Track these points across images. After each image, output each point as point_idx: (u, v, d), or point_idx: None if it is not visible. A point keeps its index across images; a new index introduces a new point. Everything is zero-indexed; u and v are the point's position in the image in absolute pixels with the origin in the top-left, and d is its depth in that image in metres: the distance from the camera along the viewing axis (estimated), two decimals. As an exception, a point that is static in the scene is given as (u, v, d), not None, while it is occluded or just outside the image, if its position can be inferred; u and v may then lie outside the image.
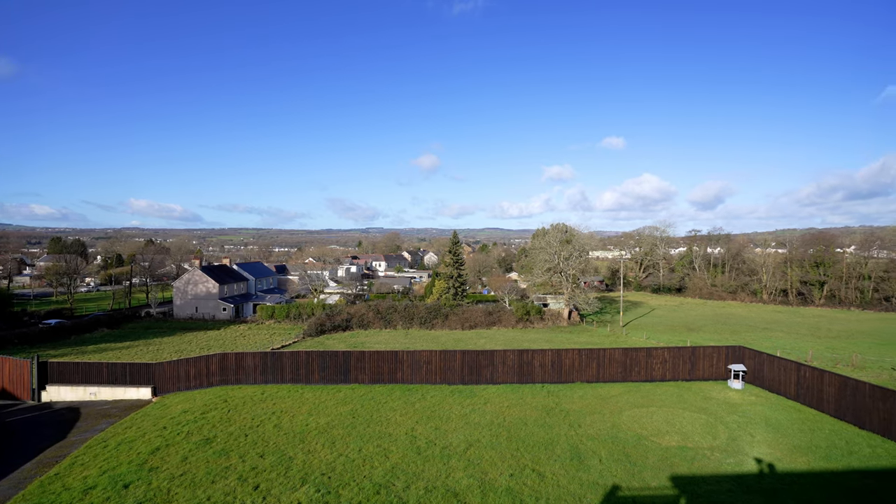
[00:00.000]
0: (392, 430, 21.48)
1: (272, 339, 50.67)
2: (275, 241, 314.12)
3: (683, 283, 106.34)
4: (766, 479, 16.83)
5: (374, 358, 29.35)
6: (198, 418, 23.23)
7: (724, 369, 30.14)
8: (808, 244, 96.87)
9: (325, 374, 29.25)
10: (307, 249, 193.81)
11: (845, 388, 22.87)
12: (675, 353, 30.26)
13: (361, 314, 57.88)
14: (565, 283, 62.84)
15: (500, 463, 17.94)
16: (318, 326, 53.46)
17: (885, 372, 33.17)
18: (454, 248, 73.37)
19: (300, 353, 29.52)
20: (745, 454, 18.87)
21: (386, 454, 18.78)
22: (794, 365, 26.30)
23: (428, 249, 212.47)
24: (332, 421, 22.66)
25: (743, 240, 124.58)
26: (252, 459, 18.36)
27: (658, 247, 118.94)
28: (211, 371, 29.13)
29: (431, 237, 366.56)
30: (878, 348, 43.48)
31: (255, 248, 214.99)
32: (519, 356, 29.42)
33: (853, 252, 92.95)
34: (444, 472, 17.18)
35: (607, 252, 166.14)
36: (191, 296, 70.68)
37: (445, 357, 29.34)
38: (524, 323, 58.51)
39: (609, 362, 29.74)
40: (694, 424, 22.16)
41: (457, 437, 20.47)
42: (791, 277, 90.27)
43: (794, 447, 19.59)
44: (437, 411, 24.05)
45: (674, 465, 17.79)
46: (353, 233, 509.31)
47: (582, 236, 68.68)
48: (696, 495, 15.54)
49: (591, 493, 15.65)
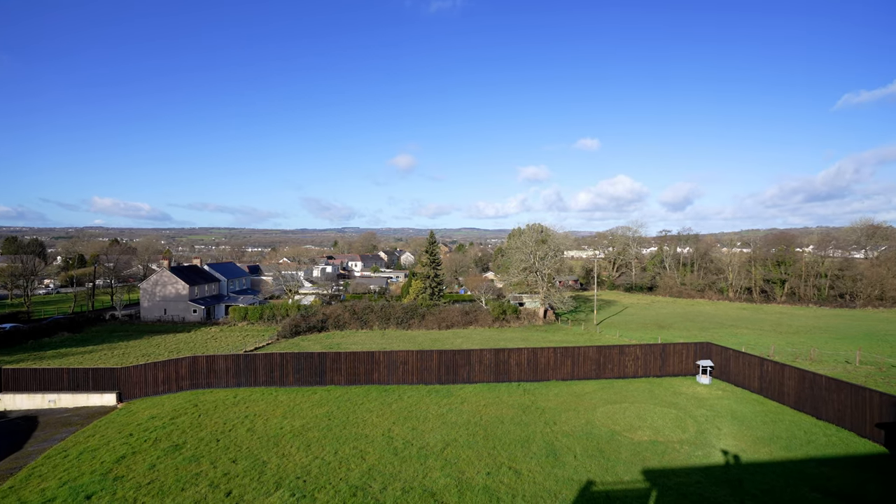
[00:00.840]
0: (368, 431, 21.31)
1: (245, 340, 49.52)
2: (248, 241, 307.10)
3: (655, 282, 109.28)
4: (732, 469, 17.47)
5: (350, 359, 29.06)
6: (166, 424, 22.51)
7: (692, 365, 31.12)
8: (770, 244, 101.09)
9: (299, 375, 28.78)
10: (281, 249, 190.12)
11: (804, 381, 23.96)
12: (647, 350, 31.06)
13: (337, 315, 57.20)
14: (541, 283, 63.68)
15: (477, 462, 18.04)
16: (293, 328, 52.55)
17: (839, 365, 34.90)
18: (431, 248, 73.34)
19: (274, 355, 28.96)
20: (713, 446, 19.54)
21: (362, 456, 18.62)
22: (758, 360, 27.40)
23: (405, 249, 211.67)
24: (308, 423, 22.32)
25: (710, 240, 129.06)
26: (224, 465, 17.90)
27: (630, 246, 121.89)
28: (181, 375, 28.26)
29: (408, 237, 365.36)
30: (833, 343, 45.72)
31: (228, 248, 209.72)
32: (495, 355, 29.64)
33: (811, 252, 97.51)
34: (421, 472, 17.16)
35: (582, 252, 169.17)
36: (159, 297, 68.38)
37: (422, 357, 29.30)
38: (500, 322, 58.98)
39: (583, 360, 30.30)
40: (664, 419, 22.80)
41: (434, 437, 20.48)
42: (755, 276, 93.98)
43: (758, 438, 20.41)
44: (413, 411, 23.99)
45: (645, 459, 18.27)
46: (328, 232, 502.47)
47: (557, 236, 69.73)
48: (666, 488, 15.99)
49: (566, 489, 15.91)
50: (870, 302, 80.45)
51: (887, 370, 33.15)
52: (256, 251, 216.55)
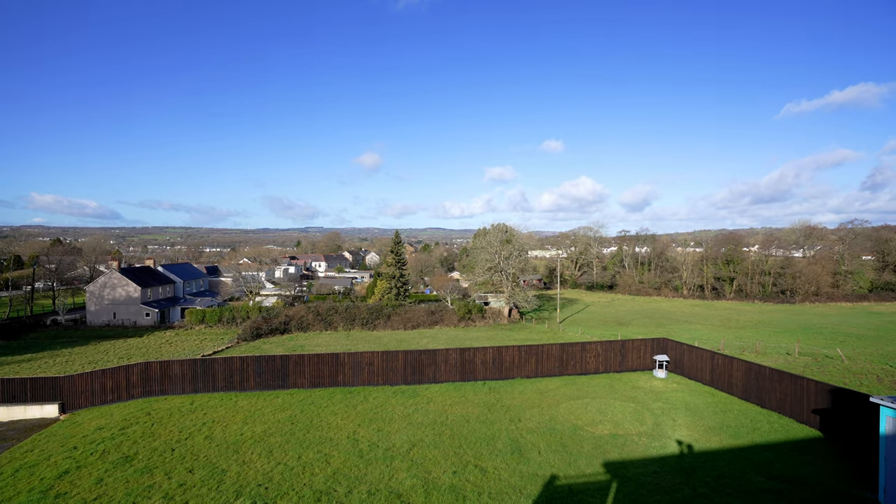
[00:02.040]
0: (333, 434, 20.97)
1: (203, 344, 47.59)
2: (205, 241, 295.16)
3: (615, 281, 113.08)
4: (686, 458, 18.33)
5: (314, 361, 28.48)
6: (116, 435, 21.31)
7: (650, 360, 32.41)
8: (720, 244, 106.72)
9: (261, 379, 27.94)
10: (242, 249, 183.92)
11: (750, 373, 25.45)
12: (608, 346, 32.09)
13: (300, 316, 55.92)
14: (506, 282, 64.58)
15: (444, 461, 18.10)
16: (254, 330, 50.96)
17: (781, 356, 37.30)
18: (396, 248, 72.92)
19: (234, 359, 27.98)
20: (668, 437, 20.44)
21: (327, 460, 18.29)
22: (709, 354, 28.86)
23: (370, 249, 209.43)
24: (270, 428, 21.71)
25: (666, 240, 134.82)
26: (180, 475, 17.14)
27: (592, 246, 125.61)
28: (132, 382, 26.82)
29: (373, 237, 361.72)
30: (776, 336, 48.80)
31: (184, 248, 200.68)
32: (461, 354, 29.83)
33: (756, 251, 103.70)
34: (387, 473, 17.04)
35: (545, 251, 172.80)
36: (108, 301, 64.65)
37: (388, 358, 29.10)
38: (466, 321, 59.39)
39: (547, 357, 30.95)
40: (624, 413, 23.63)
41: (400, 438, 20.39)
42: (707, 274, 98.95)
43: (709, 428, 21.50)
44: (379, 413, 23.80)
45: (606, 452, 18.88)
46: (291, 232, 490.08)
47: (521, 236, 70.95)
48: (625, 479, 16.59)
49: (530, 484, 16.22)
50: (807, 297, 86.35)
51: (822, 360, 35.71)
52: (215, 251, 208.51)
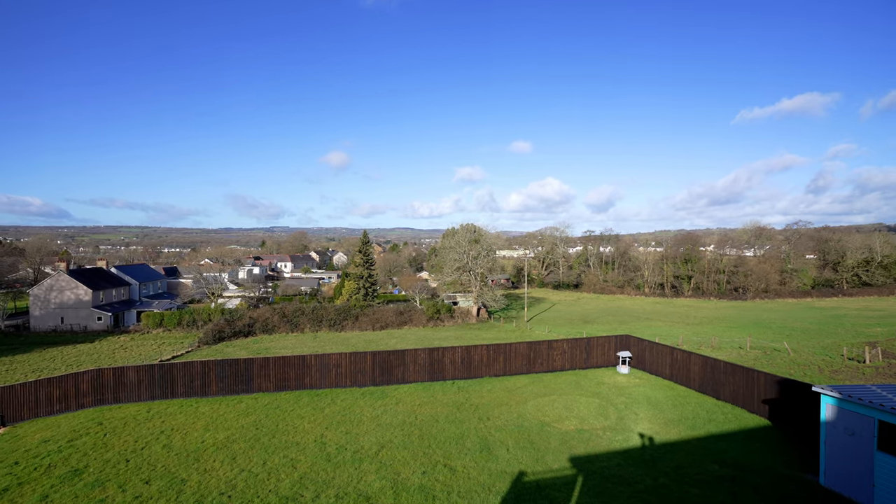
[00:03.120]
0: (300, 438, 20.53)
1: (161, 349, 45.57)
2: (164, 241, 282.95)
3: (580, 280, 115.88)
4: (647, 450, 19.02)
5: (280, 364, 27.80)
6: (63, 447, 20.09)
7: (614, 356, 33.42)
8: (679, 244, 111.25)
9: (223, 384, 27.02)
10: (203, 250, 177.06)
11: (706, 367, 26.67)
12: (573, 344, 32.87)
13: (265, 318, 54.45)
14: (474, 282, 65.04)
15: (413, 462, 18.06)
16: (216, 333, 49.24)
17: (734, 350, 39.29)
18: (364, 248, 72.12)
19: (195, 364, 26.94)
20: (631, 431, 21.14)
21: (293, 464, 17.90)
22: (669, 349, 30.06)
23: (337, 249, 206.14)
24: (233, 434, 21.04)
25: (629, 240, 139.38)
26: (135, 487, 16.35)
27: (558, 246, 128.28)
28: (82, 391, 25.35)
29: (341, 237, 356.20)
30: (730, 331, 51.34)
31: (140, 248, 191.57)
32: (430, 354, 29.83)
33: (712, 250, 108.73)
34: (355, 476, 16.85)
35: (513, 251, 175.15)
36: (55, 305, 60.87)
37: (356, 359, 28.76)
38: (435, 321, 59.42)
39: (515, 356, 31.39)
40: (589, 408, 24.28)
41: (369, 440, 20.19)
42: (666, 273, 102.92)
43: (669, 420, 22.39)
44: (347, 415, 23.49)
45: (572, 447, 19.34)
46: (255, 232, 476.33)
47: (490, 236, 71.65)
48: (591, 472, 17.05)
49: (499, 481, 16.41)
50: (758, 294, 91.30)
51: (771, 353, 37.86)
52: (174, 252, 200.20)
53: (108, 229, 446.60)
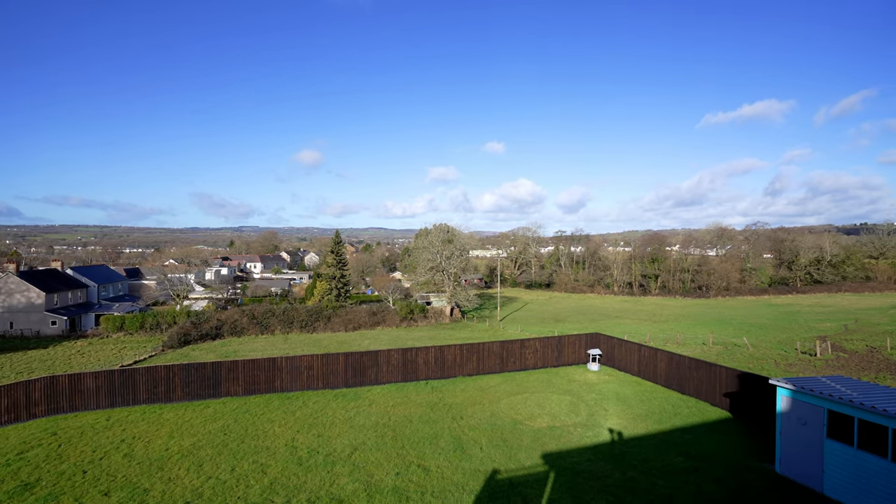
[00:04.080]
0: (270, 442, 20.09)
1: (122, 354, 43.68)
2: (125, 241, 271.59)
3: (552, 279, 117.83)
4: (617, 445, 19.54)
5: (249, 367, 27.11)
6: (12, 460, 18.95)
7: (584, 354, 34.14)
8: (646, 244, 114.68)
9: (189, 389, 26.14)
10: (167, 250, 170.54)
11: (672, 362, 27.62)
12: (545, 342, 33.39)
13: (234, 320, 52.99)
14: (447, 282, 65.19)
15: (386, 463, 17.96)
16: (182, 336, 47.58)
17: (698, 346, 40.83)
18: (337, 248, 71.18)
19: (158, 368, 25.94)
20: (601, 426, 21.67)
21: (263, 470, 17.49)
22: (637, 346, 30.95)
23: (309, 249, 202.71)
24: (200, 441, 20.38)
25: (599, 240, 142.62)
26: (93, 500, 15.62)
27: (530, 246, 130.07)
28: (33, 400, 24.00)
29: (313, 237, 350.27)
30: (694, 328, 53.31)
31: (98, 248, 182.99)
32: (403, 355, 29.72)
33: (677, 250, 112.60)
34: (328, 480, 16.62)
35: (486, 251, 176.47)
36: (3, 308, 57.43)
37: (328, 360, 28.36)
38: (408, 322, 59.24)
39: (488, 355, 31.65)
40: (561, 405, 24.73)
41: (341, 443, 19.95)
42: (634, 272, 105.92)
43: (637, 415, 23.06)
44: (319, 418, 23.14)
45: (545, 444, 19.65)
46: (223, 231, 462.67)
47: (463, 236, 71.98)
48: (562, 468, 17.38)
49: (473, 480, 16.52)
50: (719, 292, 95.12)
51: (731, 348, 39.53)
52: (136, 252, 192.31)
53: (63, 228, 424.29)
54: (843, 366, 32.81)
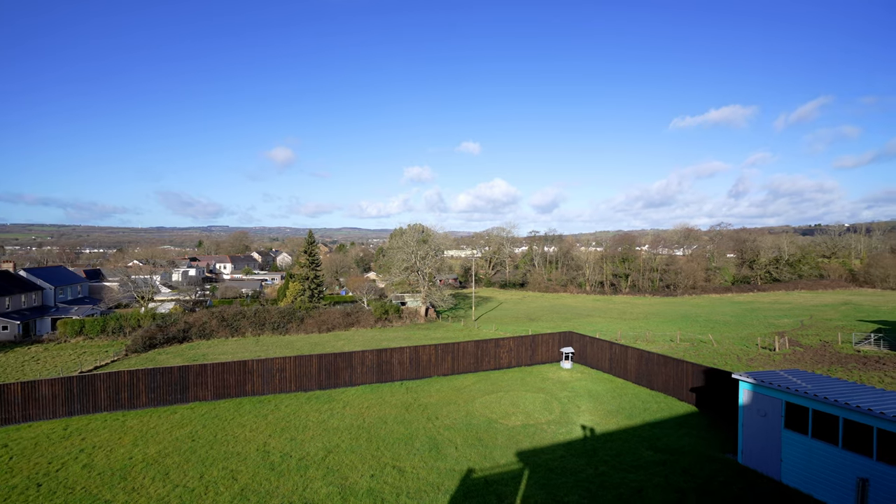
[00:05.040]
0: (241, 448, 19.59)
1: (81, 359, 41.70)
2: (85, 241, 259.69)
3: (526, 279, 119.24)
4: (589, 441, 19.95)
5: (219, 370, 26.36)
6: (-37, 472, 17.85)
7: (557, 352, 34.71)
8: (617, 243, 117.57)
9: (155, 395, 25.20)
10: (131, 250, 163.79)
11: (641, 359, 28.40)
12: (519, 341, 33.78)
13: (203, 322, 51.40)
14: (422, 282, 65.09)
15: (361, 465, 17.79)
16: (147, 340, 45.82)
17: (666, 343, 42.12)
18: (310, 248, 70.02)
19: (121, 374, 24.90)
20: (574, 423, 22.08)
21: (234, 476, 17.04)
22: (608, 344, 31.68)
23: (281, 250, 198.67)
24: (166, 448, 19.68)
25: (571, 240, 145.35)
26: (51, 511, 14.86)
27: (504, 246, 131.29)
28: (-16, 408, 22.66)
29: (285, 237, 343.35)
30: (662, 325, 54.96)
31: (55, 249, 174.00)
32: (377, 356, 29.52)
33: (647, 250, 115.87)
34: (301, 484, 16.33)
35: (461, 251, 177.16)
36: (-50, 313, 53.86)
37: (300, 363, 27.87)
38: (383, 322, 58.86)
39: (463, 355, 31.77)
40: (534, 403, 25.06)
41: (315, 446, 19.65)
42: (606, 271, 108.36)
43: (609, 412, 23.61)
44: (292, 421, 22.72)
45: (519, 442, 19.88)
46: (192, 231, 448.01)
47: (438, 236, 72.03)
48: (536, 465, 17.63)
49: (448, 480, 16.55)
50: (686, 291, 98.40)
51: (698, 345, 40.97)
52: (97, 253, 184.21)
53: (15, 228, 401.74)
54: (799, 359, 34.50)
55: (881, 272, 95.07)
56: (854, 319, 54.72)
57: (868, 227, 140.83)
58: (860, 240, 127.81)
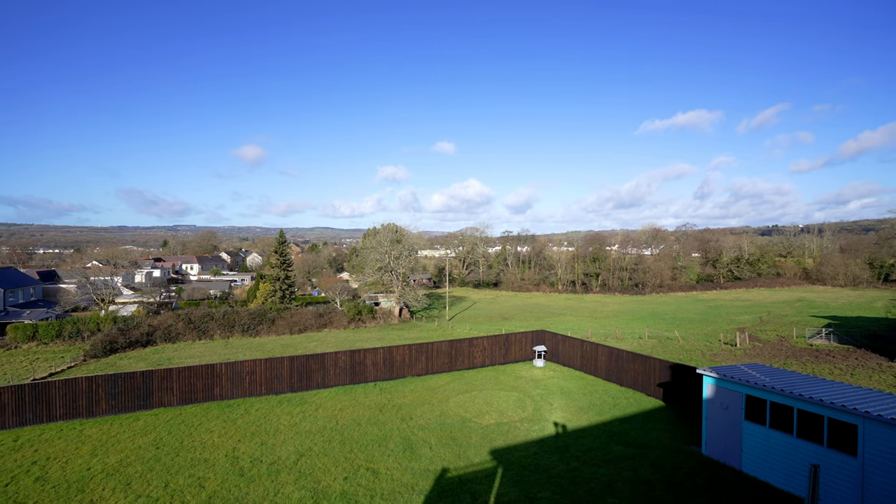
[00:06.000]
0: (209, 454, 19.01)
1: (34, 366, 39.51)
2: (38, 241, 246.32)
3: (499, 278, 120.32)
4: (561, 437, 20.31)
5: (185, 374, 25.49)
6: None
7: (530, 351, 35.17)
8: (588, 243, 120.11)
9: (116, 401, 24.15)
10: (90, 251, 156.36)
11: (611, 356, 29.12)
12: (493, 340, 34.06)
13: (168, 325, 49.58)
14: (396, 282, 64.79)
15: (334, 468, 17.56)
16: (108, 344, 43.83)
17: (635, 340, 43.33)
18: (281, 248, 68.59)
19: (78, 381, 23.74)
20: (546, 420, 22.43)
21: (201, 483, 16.52)
22: (579, 342, 32.33)
23: (251, 250, 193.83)
24: (128, 457, 18.89)
25: (544, 240, 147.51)
26: (1, 527, 14.04)
27: (478, 246, 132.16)
28: (-74, 420, 21.18)
29: (255, 236, 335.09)
30: (631, 323, 56.50)
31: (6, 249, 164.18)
32: (351, 356, 29.20)
33: (616, 250, 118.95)
34: (272, 490, 15.99)
35: (435, 251, 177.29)
36: None
37: (271, 365, 27.27)
38: (356, 323, 58.28)
39: (437, 354, 31.79)
40: (508, 402, 25.32)
41: (286, 450, 19.27)
42: (577, 271, 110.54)
43: (580, 408, 24.10)
44: (263, 425, 22.20)
45: (493, 441, 20.05)
46: (156, 231, 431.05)
47: (412, 236, 71.85)
48: (510, 463, 17.82)
49: (422, 480, 16.53)
50: (654, 289, 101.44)
51: (665, 341, 42.31)
52: (52, 253, 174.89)
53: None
54: (759, 354, 36.13)
55: (831, 270, 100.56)
56: (807, 315, 57.70)
57: (820, 227, 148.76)
58: (813, 240, 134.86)
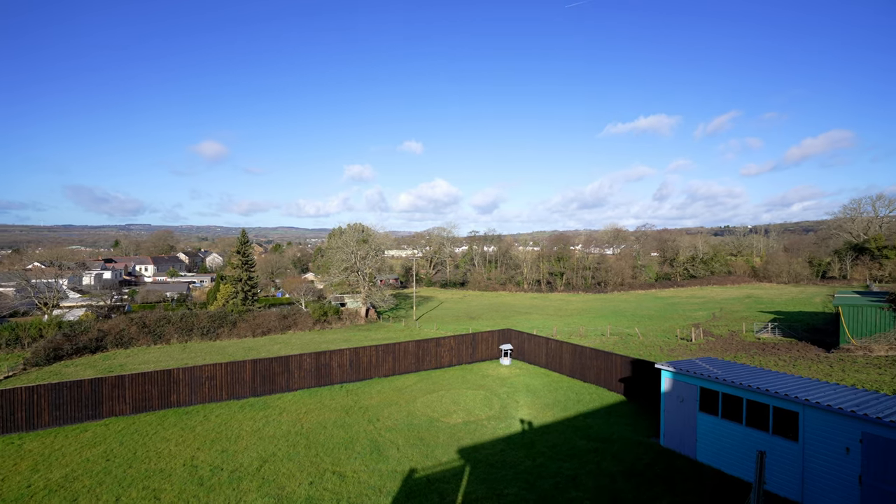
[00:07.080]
0: (165, 464, 18.17)
1: (-34, 376, 36.53)
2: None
3: (466, 278, 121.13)
4: (527, 434, 20.66)
5: (139, 381, 24.26)
6: None
7: (497, 349, 35.58)
8: (553, 243, 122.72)
9: (60, 412, 22.69)
10: (31, 251, 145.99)
11: (575, 354, 29.87)
12: (460, 340, 34.23)
13: (120, 329, 47.05)
14: (362, 282, 64.07)
15: (299, 473, 17.18)
16: (52, 351, 41.11)
17: (598, 337, 44.63)
18: (243, 249, 66.43)
19: (16, 391, 22.15)
20: (513, 418, 22.75)
21: (156, 496, 15.77)
22: (544, 340, 32.98)
23: (211, 250, 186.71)
24: (74, 471, 17.79)
25: (510, 240, 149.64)
26: (-71, 551, 12.92)
27: (445, 246, 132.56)
28: None
29: (216, 236, 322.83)
30: (594, 320, 58.15)
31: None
32: (316, 358, 28.64)
33: (580, 249, 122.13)
34: (234, 498, 15.46)
35: (402, 251, 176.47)
36: None
37: (232, 369, 26.38)
38: (322, 324, 57.24)
39: (404, 355, 31.66)
40: (475, 401, 25.52)
41: (248, 456, 18.68)
42: (543, 270, 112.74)
43: (545, 405, 24.59)
44: (223, 432, 21.44)
45: (460, 440, 20.15)
46: (107, 230, 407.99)
47: (378, 236, 71.22)
48: (477, 461, 17.96)
49: (390, 481, 16.42)
50: (616, 287, 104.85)
51: (626, 338, 43.79)
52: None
53: None
54: (712, 348, 37.99)
55: (776, 268, 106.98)
56: (755, 311, 61.16)
57: (766, 228, 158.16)
58: (760, 240, 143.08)
